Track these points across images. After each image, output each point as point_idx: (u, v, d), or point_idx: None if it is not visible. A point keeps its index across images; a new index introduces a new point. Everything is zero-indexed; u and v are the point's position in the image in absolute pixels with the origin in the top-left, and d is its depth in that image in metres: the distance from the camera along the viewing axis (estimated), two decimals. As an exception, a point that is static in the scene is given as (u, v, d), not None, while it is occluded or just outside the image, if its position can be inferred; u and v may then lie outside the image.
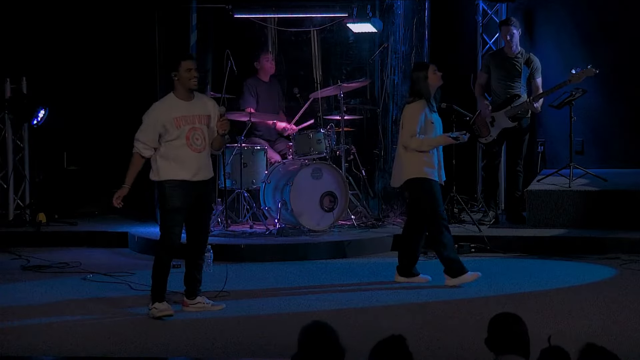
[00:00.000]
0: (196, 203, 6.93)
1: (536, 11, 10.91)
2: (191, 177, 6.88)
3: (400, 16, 10.58)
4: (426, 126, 7.64)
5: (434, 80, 7.70)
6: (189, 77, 6.88)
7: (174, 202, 6.84)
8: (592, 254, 8.80)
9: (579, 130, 10.47)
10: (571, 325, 6.48)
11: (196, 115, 6.92)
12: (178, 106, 6.89)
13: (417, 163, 7.68)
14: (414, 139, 7.63)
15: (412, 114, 7.68)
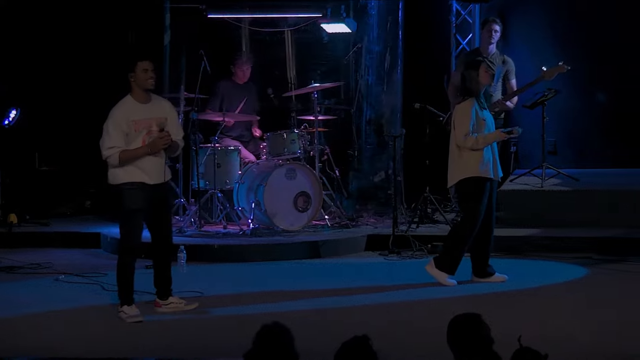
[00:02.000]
0: (156, 205, 6.91)
1: (510, 12, 10.96)
2: (149, 180, 6.85)
3: (374, 16, 10.61)
4: (478, 124, 7.65)
5: (485, 79, 7.71)
6: (146, 77, 6.81)
7: (132, 204, 6.80)
8: (564, 254, 8.83)
9: (552, 131, 10.52)
10: (543, 326, 6.49)
11: (154, 118, 6.86)
12: (136, 109, 6.82)
13: (473, 162, 7.68)
14: (468, 138, 7.63)
15: (463, 113, 7.68)
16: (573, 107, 10.89)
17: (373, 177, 10.75)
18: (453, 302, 7.28)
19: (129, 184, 6.80)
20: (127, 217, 6.85)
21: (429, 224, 9.81)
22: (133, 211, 6.81)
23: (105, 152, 6.76)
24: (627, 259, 8.58)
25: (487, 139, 7.63)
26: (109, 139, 6.75)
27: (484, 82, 7.69)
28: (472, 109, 7.64)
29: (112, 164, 6.77)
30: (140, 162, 6.80)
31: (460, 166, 7.76)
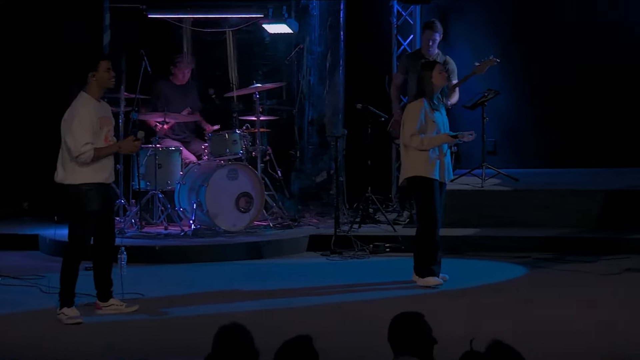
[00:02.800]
0: (105, 205, 6.86)
1: (450, 12, 11.04)
2: (105, 179, 6.81)
3: (315, 17, 10.62)
4: (427, 125, 7.64)
5: (439, 81, 7.69)
6: (108, 77, 6.82)
7: (91, 206, 6.73)
8: (504, 253, 8.91)
9: (492, 131, 10.61)
10: (484, 325, 6.55)
11: (109, 117, 6.90)
12: (97, 107, 6.82)
13: (418, 162, 7.70)
14: (414, 138, 7.65)
15: (412, 113, 7.71)
16: (513, 108, 11.00)
17: (315, 177, 10.76)
18: (395, 301, 7.31)
19: (88, 185, 6.73)
20: (84, 218, 6.76)
21: (370, 224, 9.84)
22: (91, 213, 6.74)
23: (81, 149, 6.66)
24: (565, 258, 8.69)
25: (433, 141, 7.65)
26: (83, 135, 6.67)
27: (437, 83, 7.69)
28: (421, 109, 7.67)
29: (84, 161, 6.68)
30: (100, 161, 6.75)
31: (407, 165, 7.82)
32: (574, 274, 8.17)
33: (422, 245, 7.78)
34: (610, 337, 6.28)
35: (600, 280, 7.91)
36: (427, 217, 7.73)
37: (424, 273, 7.74)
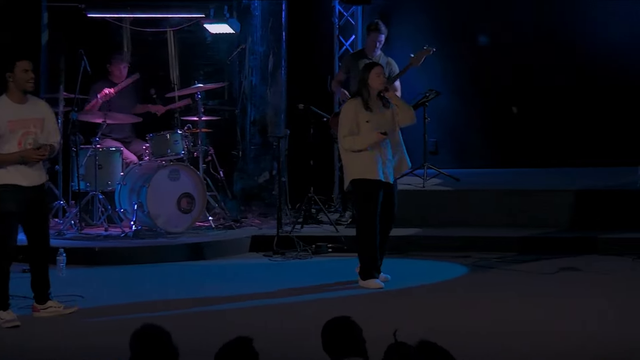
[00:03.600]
0: (32, 208, 6.76)
1: (392, 13, 11.08)
2: (24, 182, 6.69)
3: (257, 17, 10.60)
4: (360, 125, 7.62)
5: (374, 83, 7.65)
6: (26, 78, 6.66)
7: (7, 207, 6.63)
8: (445, 252, 8.97)
9: (433, 131, 10.69)
10: (426, 324, 6.58)
11: (31, 119, 6.71)
12: (12, 109, 6.66)
13: (356, 163, 7.68)
14: (345, 140, 7.66)
15: (343, 114, 7.74)
16: (454, 108, 11.08)
17: (257, 177, 10.74)
18: (337, 302, 7.33)
19: (3, 187, 6.62)
20: (1, 221, 6.65)
21: (313, 225, 9.85)
22: (5, 214, 6.63)
23: None
24: (506, 257, 8.77)
25: (363, 141, 7.62)
26: None
27: (373, 85, 7.68)
28: (353, 110, 7.67)
29: None
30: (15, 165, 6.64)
31: (345, 167, 7.82)
32: (513, 273, 8.25)
33: (361, 248, 7.78)
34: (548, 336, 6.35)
35: (538, 279, 8.00)
36: (365, 218, 7.73)
37: (365, 275, 7.75)
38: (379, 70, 7.72)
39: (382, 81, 7.69)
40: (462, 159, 11.18)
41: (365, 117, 7.64)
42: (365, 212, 7.72)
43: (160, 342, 3.83)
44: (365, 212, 7.73)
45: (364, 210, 7.73)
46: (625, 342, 6.14)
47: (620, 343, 6.14)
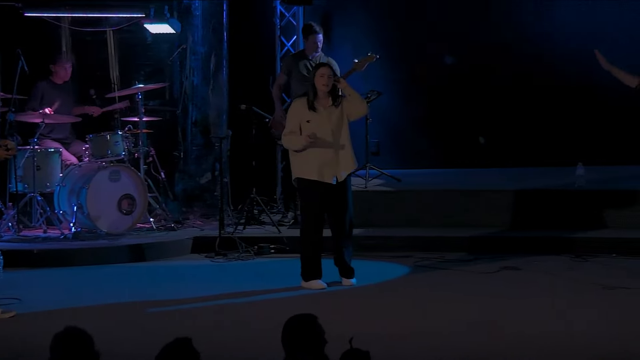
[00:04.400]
0: None
1: (334, 13, 11.11)
2: None
3: (198, 17, 10.54)
4: (302, 125, 7.63)
5: (318, 83, 7.64)
6: None
7: None
8: (387, 253, 8.99)
9: (375, 132, 10.73)
10: (370, 325, 6.59)
11: None
12: None
13: (297, 162, 7.72)
14: (284, 138, 7.75)
15: (288, 113, 7.82)
16: (395, 109, 11.13)
17: (199, 178, 10.68)
18: (278, 302, 7.32)
19: None
20: None
21: (255, 226, 9.82)
22: None
23: None
24: (447, 257, 8.83)
25: (296, 142, 7.66)
26: None
27: (317, 85, 7.67)
28: (297, 109, 7.69)
29: None
30: None
31: (291, 164, 7.86)
32: (454, 273, 8.29)
33: (301, 246, 7.79)
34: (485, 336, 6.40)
35: (479, 278, 8.06)
36: (304, 217, 7.76)
37: (306, 276, 7.75)
38: (323, 71, 7.70)
39: (325, 81, 7.65)
40: (404, 159, 11.23)
41: (307, 117, 7.64)
42: (304, 211, 7.79)
43: (81, 346, 3.79)
44: (303, 211, 7.80)
45: (303, 209, 7.83)
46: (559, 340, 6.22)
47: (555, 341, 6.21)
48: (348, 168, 7.77)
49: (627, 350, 5.97)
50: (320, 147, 7.62)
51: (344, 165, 7.72)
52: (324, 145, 7.62)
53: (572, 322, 6.65)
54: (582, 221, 9.30)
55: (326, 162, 7.64)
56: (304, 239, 7.74)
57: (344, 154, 7.71)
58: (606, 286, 7.57)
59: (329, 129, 7.64)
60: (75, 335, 3.84)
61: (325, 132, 7.62)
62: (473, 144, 11.09)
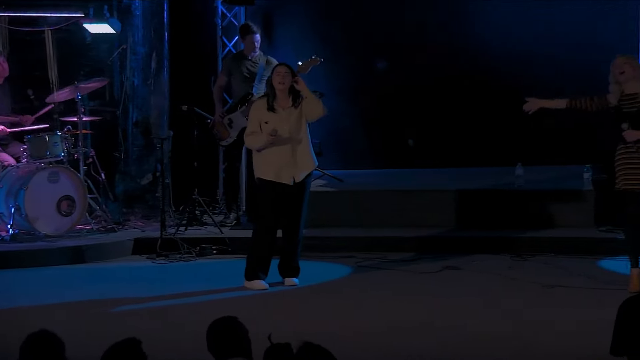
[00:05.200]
0: None
1: (275, 14, 11.10)
2: None
3: (138, 17, 10.47)
4: (262, 125, 7.64)
5: (274, 82, 7.67)
6: None
7: None
8: (329, 253, 8.99)
9: (317, 133, 10.71)
10: (312, 325, 6.60)
11: None
12: None
13: (257, 162, 7.74)
14: (246, 138, 7.78)
15: (250, 113, 7.85)
16: (337, 109, 11.13)
17: (140, 179, 10.60)
18: (220, 303, 7.29)
19: None
20: None
21: (197, 227, 9.77)
22: None
23: None
24: (389, 256, 8.85)
25: (254, 141, 7.67)
26: None
27: (274, 84, 7.68)
28: (258, 109, 7.72)
29: None
30: None
31: (253, 165, 7.89)
32: (396, 272, 8.33)
33: (250, 246, 7.77)
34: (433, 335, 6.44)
35: (420, 278, 8.10)
36: (261, 219, 7.77)
37: (249, 276, 7.73)
38: (279, 69, 7.71)
39: (281, 79, 7.63)
40: (346, 160, 11.26)
41: (266, 117, 7.64)
42: (259, 211, 7.78)
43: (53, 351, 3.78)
44: (259, 211, 7.79)
45: (258, 209, 7.79)
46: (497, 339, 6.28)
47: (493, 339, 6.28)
48: (306, 169, 7.75)
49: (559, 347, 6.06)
50: (278, 148, 7.61)
51: (302, 165, 7.70)
52: (283, 146, 7.62)
53: (510, 322, 6.72)
54: (522, 221, 9.41)
55: (284, 163, 7.63)
56: (258, 238, 7.73)
57: (302, 154, 7.69)
58: (545, 285, 7.66)
59: (287, 129, 7.62)
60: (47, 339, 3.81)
61: (283, 133, 7.61)
62: (415, 144, 11.14)
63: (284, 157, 7.61)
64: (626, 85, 7.27)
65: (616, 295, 7.31)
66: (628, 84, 7.26)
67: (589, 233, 9.09)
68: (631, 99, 7.26)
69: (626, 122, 7.26)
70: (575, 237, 8.98)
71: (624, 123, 7.26)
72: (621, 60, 7.35)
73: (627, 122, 7.26)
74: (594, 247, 8.82)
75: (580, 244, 8.87)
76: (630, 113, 7.26)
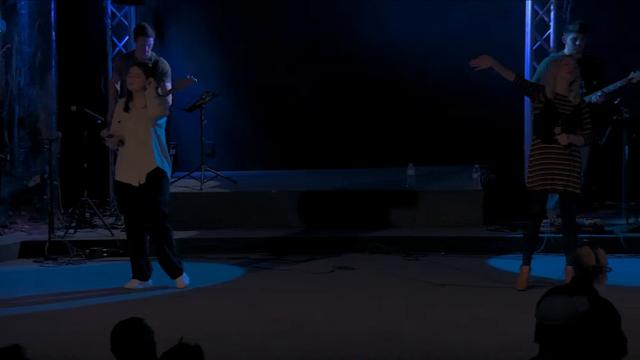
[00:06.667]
0: None
1: (166, 14, 10.97)
2: None
3: (24, 16, 10.22)
4: (116, 125, 7.66)
5: (127, 82, 7.67)
6: None
7: None
8: (223, 254, 8.95)
9: (210, 134, 10.66)
10: (205, 326, 6.56)
11: None
12: None
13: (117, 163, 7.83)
14: None
15: None
16: (231, 110, 11.09)
17: (27, 182, 10.34)
18: (109, 307, 7.19)
19: None
20: None
21: (87, 229, 9.60)
22: None
23: None
24: (282, 258, 8.86)
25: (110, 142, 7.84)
26: None
27: (128, 86, 7.70)
28: (116, 109, 7.83)
29: None
30: None
31: None
32: (289, 273, 8.33)
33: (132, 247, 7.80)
34: (324, 336, 6.46)
35: (313, 278, 8.12)
36: (123, 220, 7.76)
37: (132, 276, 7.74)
38: (130, 70, 7.70)
39: (130, 80, 7.64)
40: (240, 161, 11.21)
41: (120, 117, 7.74)
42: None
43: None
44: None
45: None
46: (387, 337, 6.34)
47: (382, 338, 6.33)
48: (147, 169, 7.63)
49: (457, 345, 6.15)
50: (126, 149, 7.67)
51: (143, 166, 7.62)
52: (129, 146, 7.66)
53: (402, 321, 6.79)
54: (413, 220, 9.53)
55: (129, 163, 7.64)
56: (126, 239, 7.82)
57: (145, 155, 7.62)
58: (436, 284, 7.77)
59: (135, 130, 7.62)
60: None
61: (130, 133, 7.63)
62: (308, 144, 11.15)
63: (130, 158, 7.64)
64: (560, 85, 7.38)
65: (504, 293, 7.49)
66: (562, 84, 7.38)
67: (478, 232, 9.26)
68: (562, 99, 7.41)
69: (559, 125, 7.37)
70: (465, 237, 9.13)
71: (557, 127, 7.37)
72: (572, 61, 7.49)
73: (560, 125, 7.37)
74: (483, 245, 8.98)
75: (470, 243, 9.03)
76: (564, 115, 7.39)
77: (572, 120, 7.39)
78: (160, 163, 7.64)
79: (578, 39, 8.96)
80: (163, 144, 7.73)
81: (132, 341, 3.98)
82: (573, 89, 7.42)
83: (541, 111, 7.41)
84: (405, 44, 10.86)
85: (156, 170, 7.60)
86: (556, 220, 8.81)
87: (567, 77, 7.37)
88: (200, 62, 10.77)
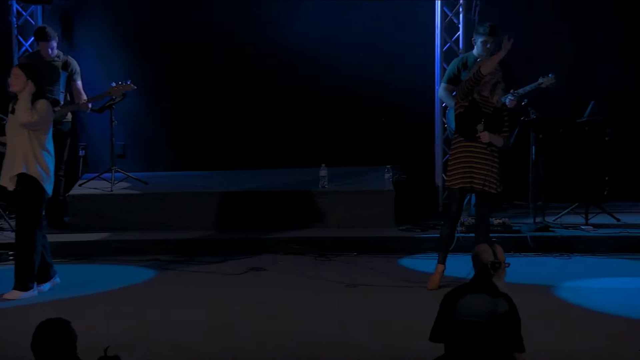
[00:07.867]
0: None
1: (75, 14, 10.80)
2: None
3: None
4: None
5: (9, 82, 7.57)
6: None
7: None
8: (134, 257, 8.86)
9: (121, 135, 10.55)
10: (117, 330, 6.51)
11: None
12: None
13: None
14: None
15: None
16: (141, 111, 10.98)
17: None
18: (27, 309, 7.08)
19: None
20: None
21: (-5, 231, 9.44)
22: None
23: None
24: (194, 259, 8.81)
25: None
26: None
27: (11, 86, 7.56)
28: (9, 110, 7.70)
29: None
30: None
31: None
32: (202, 275, 8.29)
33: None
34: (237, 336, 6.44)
35: (227, 279, 8.09)
36: None
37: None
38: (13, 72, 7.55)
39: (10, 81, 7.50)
40: (151, 162, 11.10)
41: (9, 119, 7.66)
42: None
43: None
44: None
45: None
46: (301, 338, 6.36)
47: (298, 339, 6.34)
48: (9, 172, 7.49)
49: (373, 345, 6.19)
50: (6, 152, 7.59)
51: (11, 170, 7.48)
52: (7, 150, 7.57)
53: (316, 321, 6.81)
54: (325, 220, 9.57)
55: (5, 167, 7.57)
56: None
57: (14, 159, 7.47)
58: (349, 284, 7.81)
59: (12, 133, 7.51)
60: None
61: (8, 137, 7.54)
62: (220, 145, 11.10)
63: (6, 162, 7.57)
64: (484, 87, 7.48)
65: (416, 292, 7.58)
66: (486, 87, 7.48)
67: (390, 232, 9.33)
68: (485, 99, 7.52)
69: (481, 123, 7.47)
70: (377, 237, 9.20)
71: (479, 124, 7.47)
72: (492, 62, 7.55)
73: (482, 123, 7.47)
74: (395, 245, 9.06)
75: (382, 242, 9.10)
76: (486, 114, 7.49)
77: (494, 121, 7.52)
78: (26, 169, 7.40)
79: (488, 42, 9.10)
80: (42, 152, 7.44)
81: (56, 341, 3.96)
82: (496, 92, 7.54)
83: (465, 109, 7.53)
84: (316, 45, 10.87)
85: (20, 176, 7.40)
86: (466, 220, 8.94)
87: (488, 80, 7.48)
88: (110, 62, 10.62)
